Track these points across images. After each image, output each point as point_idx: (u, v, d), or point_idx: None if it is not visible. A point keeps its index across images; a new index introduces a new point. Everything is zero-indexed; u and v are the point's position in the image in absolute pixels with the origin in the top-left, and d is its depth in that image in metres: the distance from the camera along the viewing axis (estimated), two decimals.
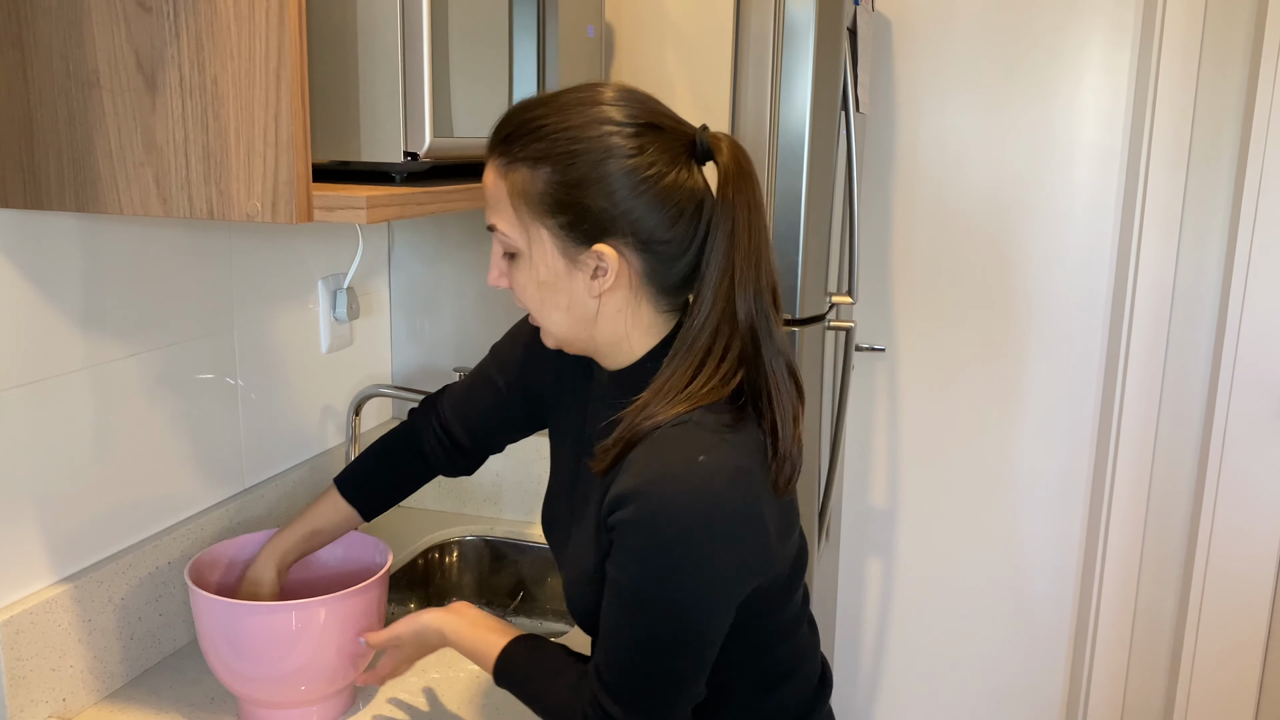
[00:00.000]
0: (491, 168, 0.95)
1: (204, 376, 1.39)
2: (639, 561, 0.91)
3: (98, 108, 0.95)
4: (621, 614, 0.94)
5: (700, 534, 0.89)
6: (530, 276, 0.96)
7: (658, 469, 0.90)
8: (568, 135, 0.91)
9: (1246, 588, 2.16)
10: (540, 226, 0.93)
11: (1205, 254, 2.12)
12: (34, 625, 1.13)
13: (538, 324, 1.00)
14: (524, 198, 0.93)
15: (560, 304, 0.96)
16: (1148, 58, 2.06)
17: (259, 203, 0.93)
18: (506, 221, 0.94)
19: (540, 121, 0.92)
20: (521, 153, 0.92)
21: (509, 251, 0.96)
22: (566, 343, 1.00)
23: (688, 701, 0.96)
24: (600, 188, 0.91)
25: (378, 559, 1.27)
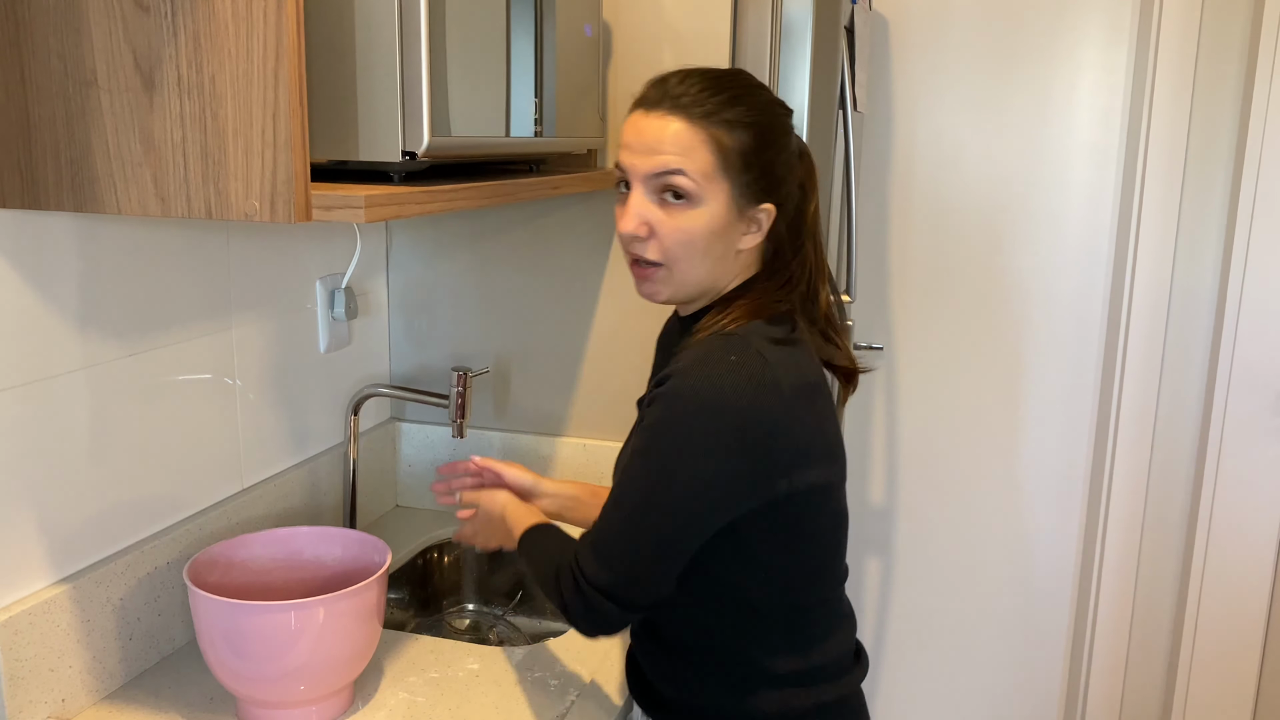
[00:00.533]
0: (678, 118, 1.03)
1: (202, 376, 1.39)
2: (648, 430, 1.02)
3: (95, 108, 0.95)
4: (624, 476, 1.05)
5: (705, 418, 0.99)
6: (699, 223, 1.05)
7: (692, 362, 1.01)
8: (760, 107, 1.07)
9: (1244, 583, 2.16)
10: (724, 180, 1.04)
11: (1202, 251, 2.12)
12: (32, 626, 1.13)
13: (667, 274, 1.08)
14: (719, 152, 1.03)
15: (715, 252, 1.07)
16: (1144, 56, 2.06)
17: (257, 202, 0.92)
18: (698, 169, 1.03)
19: (733, 90, 1.06)
20: (720, 112, 1.04)
21: (682, 198, 1.04)
22: (693, 289, 1.10)
23: (650, 584, 1.04)
24: (780, 156, 1.08)
25: (376, 558, 1.27)
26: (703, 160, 1.03)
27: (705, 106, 1.04)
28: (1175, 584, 2.25)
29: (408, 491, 1.89)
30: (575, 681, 1.30)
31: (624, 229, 1.06)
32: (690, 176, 1.03)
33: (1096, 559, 2.26)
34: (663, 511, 1.01)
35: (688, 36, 1.61)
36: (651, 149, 1.04)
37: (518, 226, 1.77)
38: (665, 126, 1.04)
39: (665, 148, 1.03)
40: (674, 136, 1.03)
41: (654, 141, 1.04)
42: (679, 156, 1.03)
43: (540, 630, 1.74)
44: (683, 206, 1.04)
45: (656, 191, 1.05)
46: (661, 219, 1.05)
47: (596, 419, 1.79)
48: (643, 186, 1.06)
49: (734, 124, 1.04)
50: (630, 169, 1.06)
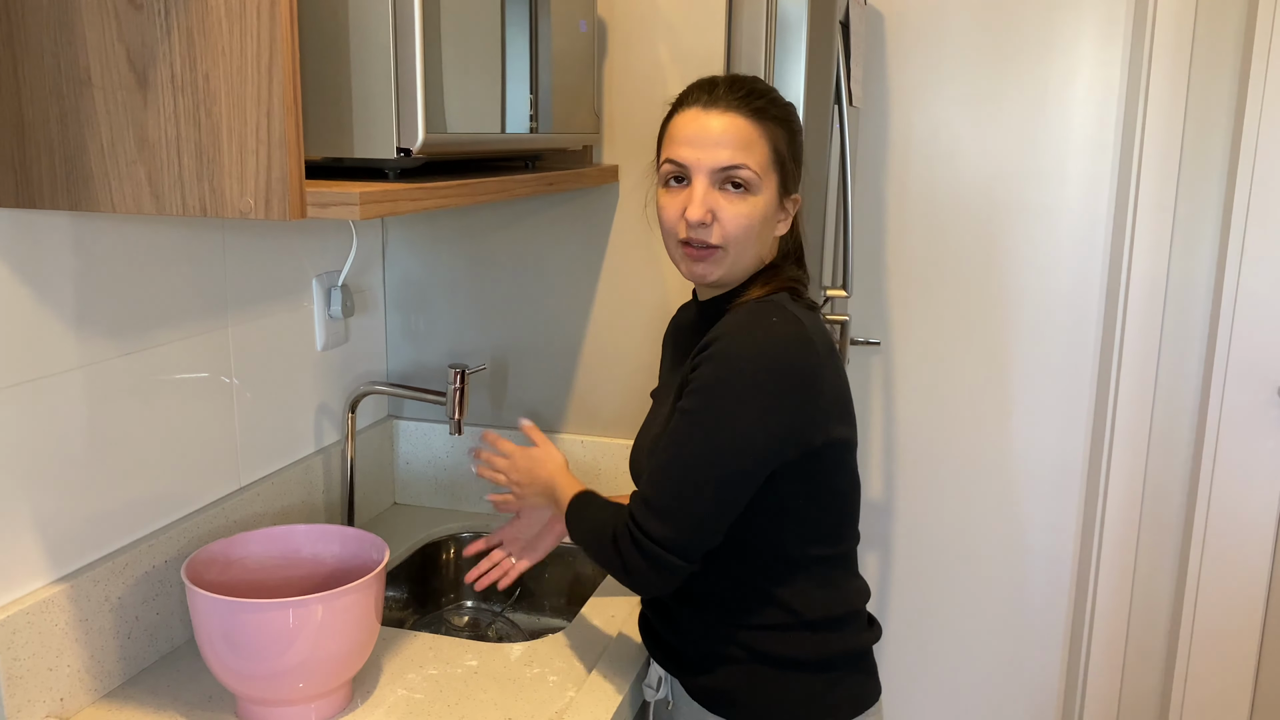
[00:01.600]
0: (738, 115, 1.14)
1: (199, 375, 1.38)
2: (701, 390, 1.10)
3: (89, 106, 0.95)
4: (673, 437, 1.12)
5: (756, 369, 1.08)
6: (756, 211, 1.16)
7: (736, 324, 1.12)
8: (789, 106, 1.20)
9: (1242, 574, 2.16)
10: (775, 172, 1.17)
11: (1198, 244, 2.13)
12: (30, 625, 1.13)
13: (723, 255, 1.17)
14: (773, 146, 1.16)
15: (765, 237, 1.19)
16: (1140, 50, 2.06)
17: (252, 200, 0.92)
18: (759, 161, 1.15)
19: (768, 91, 1.18)
20: (769, 110, 1.16)
21: (743, 184, 1.14)
22: (741, 271, 1.20)
23: (707, 534, 1.12)
24: (801, 152, 1.22)
25: (374, 556, 1.27)
26: (761, 154, 1.15)
27: (755, 104, 1.15)
28: (1173, 576, 2.25)
29: (406, 489, 1.89)
30: (574, 677, 1.31)
31: (693, 216, 1.15)
32: (752, 169, 1.14)
33: (1094, 552, 2.27)
34: (720, 463, 1.09)
35: (682, 31, 1.61)
36: (716, 143, 1.14)
37: (514, 223, 1.77)
38: (730, 123, 1.14)
39: (729, 142, 1.14)
40: (738, 132, 1.14)
41: (719, 136, 1.14)
42: (743, 151, 1.14)
43: (539, 627, 1.74)
44: (742, 195, 1.15)
45: (719, 183, 1.15)
46: (724, 206, 1.15)
47: (594, 415, 1.79)
48: (707, 179, 1.15)
49: (779, 121, 1.17)
50: (693, 163, 1.15)
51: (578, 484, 1.31)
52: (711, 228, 1.16)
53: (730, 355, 1.10)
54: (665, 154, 1.20)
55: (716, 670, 1.21)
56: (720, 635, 1.21)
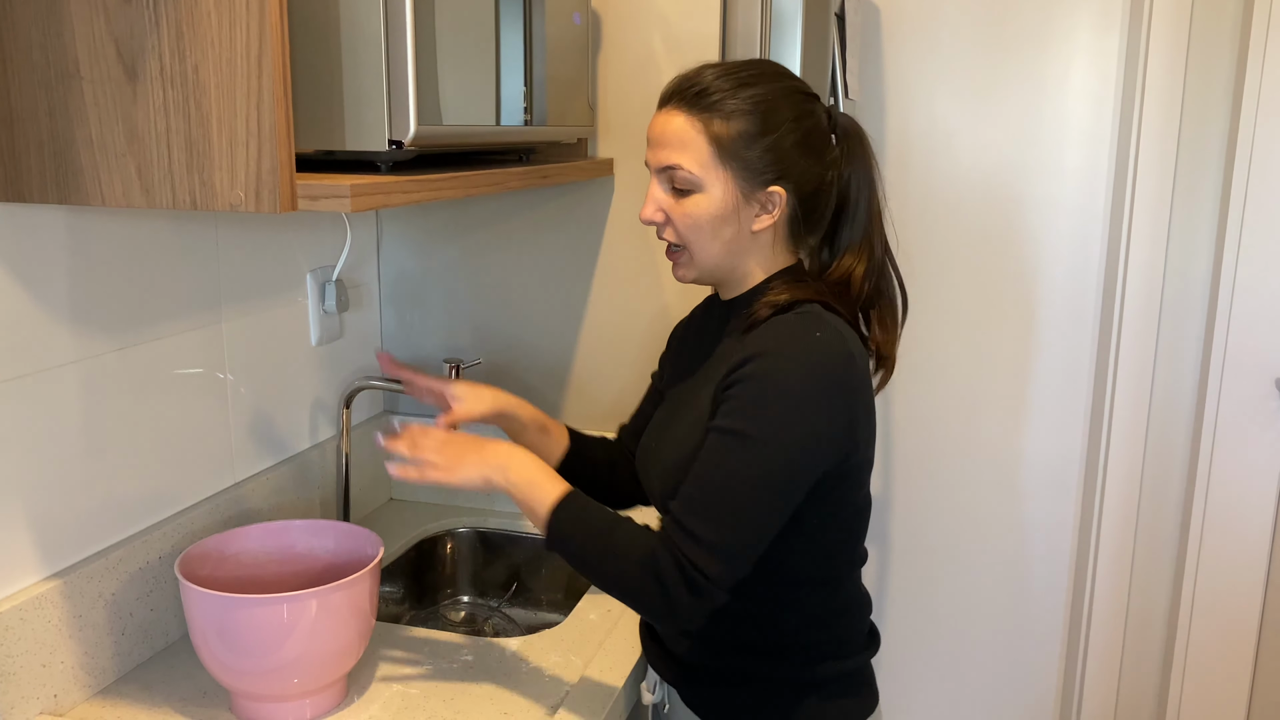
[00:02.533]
0: (678, 115, 1.11)
1: (193, 370, 1.38)
2: (748, 405, 1.05)
3: (78, 99, 0.94)
4: (716, 456, 1.06)
5: (806, 388, 1.04)
6: (702, 208, 1.12)
7: (778, 337, 1.07)
8: (769, 92, 1.11)
9: (1240, 568, 2.16)
10: (724, 167, 1.10)
11: (1196, 237, 2.12)
12: (24, 621, 1.12)
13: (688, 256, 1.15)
14: (714, 141, 1.10)
15: (725, 234, 1.13)
16: (1136, 42, 2.06)
17: (242, 193, 0.92)
18: (695, 161, 1.10)
19: (742, 78, 1.11)
20: (721, 105, 1.10)
21: (684, 188, 1.11)
22: (710, 271, 1.17)
23: (753, 549, 1.06)
24: (788, 139, 1.11)
25: (369, 551, 1.27)
26: (699, 151, 1.10)
27: (709, 98, 1.10)
28: (1170, 571, 2.25)
29: (401, 485, 1.88)
30: (570, 672, 1.30)
31: (642, 216, 1.15)
32: (687, 168, 1.11)
33: (1092, 547, 2.27)
34: (772, 488, 1.05)
35: (677, 24, 1.61)
36: (658, 143, 1.13)
37: (509, 217, 1.76)
38: (669, 122, 1.12)
39: (667, 142, 1.12)
40: (675, 132, 1.11)
41: (658, 136, 1.13)
42: (678, 150, 1.11)
43: (535, 622, 1.74)
44: (688, 195, 1.12)
45: (667, 182, 1.14)
46: (671, 205, 1.14)
47: (589, 409, 1.78)
48: (657, 178, 1.15)
49: (734, 112, 1.10)
50: (649, 163, 1.16)
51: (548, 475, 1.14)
52: (665, 227, 1.16)
53: (774, 372, 1.05)
54: None
55: (716, 683, 1.20)
56: (722, 650, 1.19)
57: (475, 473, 1.14)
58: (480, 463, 1.14)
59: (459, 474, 1.14)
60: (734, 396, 1.06)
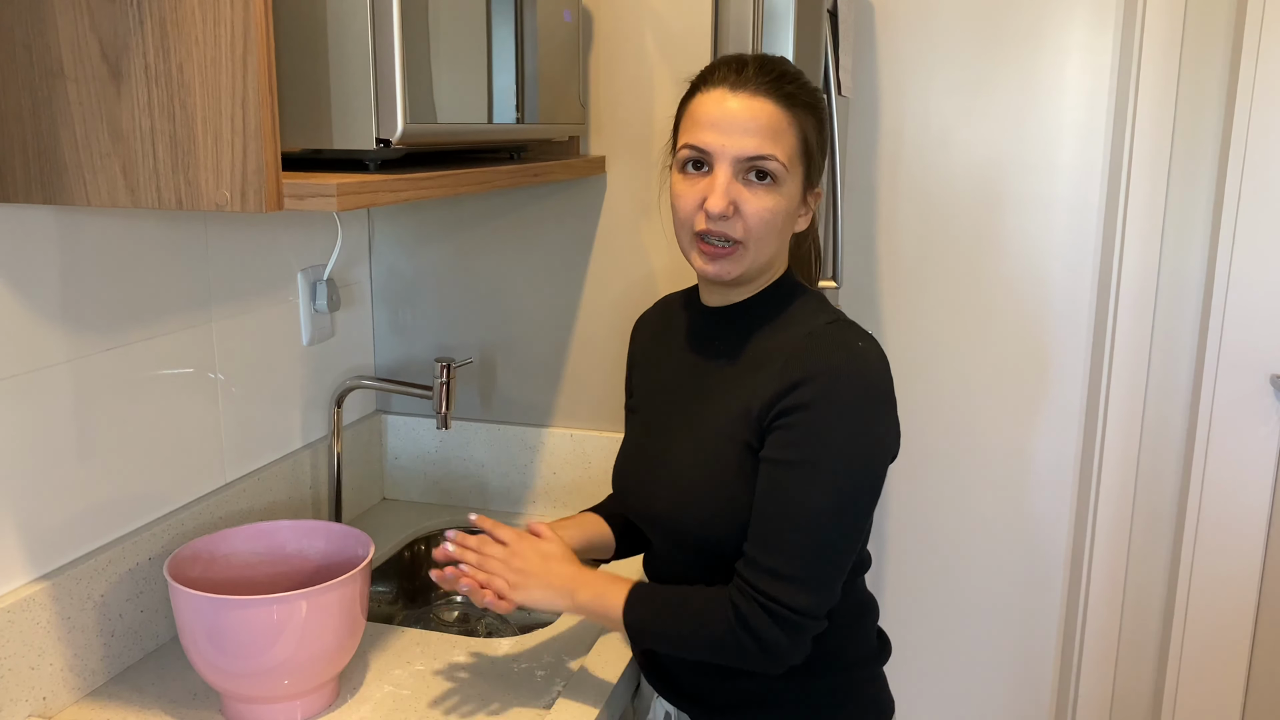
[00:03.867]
0: (769, 100, 1.05)
1: (183, 370, 1.37)
2: (813, 434, 1.01)
3: (62, 98, 0.94)
4: (788, 490, 1.02)
5: (866, 406, 1.03)
6: (781, 205, 1.07)
7: (828, 358, 1.04)
8: (819, 93, 1.11)
9: (1235, 563, 2.16)
10: (801, 164, 1.08)
11: (1190, 233, 2.12)
12: (12, 624, 1.12)
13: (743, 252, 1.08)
14: (803, 135, 1.07)
15: (786, 233, 1.11)
16: (1130, 38, 2.05)
17: (228, 192, 0.91)
18: (787, 151, 1.06)
19: (801, 76, 1.09)
20: (799, 96, 1.07)
21: (769, 175, 1.05)
22: (754, 270, 1.11)
23: (842, 573, 1.05)
24: (827, 142, 1.12)
25: (359, 551, 1.26)
26: (789, 143, 1.06)
27: (786, 89, 1.06)
28: (1166, 567, 2.25)
29: (394, 484, 1.88)
30: (562, 672, 1.30)
31: (715, 208, 1.05)
32: (780, 160, 1.05)
33: (1087, 544, 2.26)
34: (852, 511, 1.03)
35: (669, 20, 1.60)
36: (744, 129, 1.05)
37: (501, 216, 1.76)
38: (757, 108, 1.05)
39: (758, 130, 1.05)
40: (768, 119, 1.05)
41: (747, 122, 1.05)
42: (772, 139, 1.05)
43: (528, 621, 1.73)
44: (768, 187, 1.06)
45: (743, 173, 1.06)
46: (747, 198, 1.06)
47: (582, 409, 1.78)
48: (730, 167, 1.06)
49: (809, 108, 1.08)
50: (717, 149, 1.06)
51: (610, 580, 1.13)
52: (733, 221, 1.07)
53: (834, 396, 1.02)
54: (685, 137, 1.10)
55: (730, 705, 1.17)
56: (731, 670, 1.13)
57: (541, 595, 1.13)
58: (546, 585, 1.13)
59: (524, 594, 1.13)
60: (794, 425, 1.02)
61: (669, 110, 1.63)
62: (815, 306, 1.15)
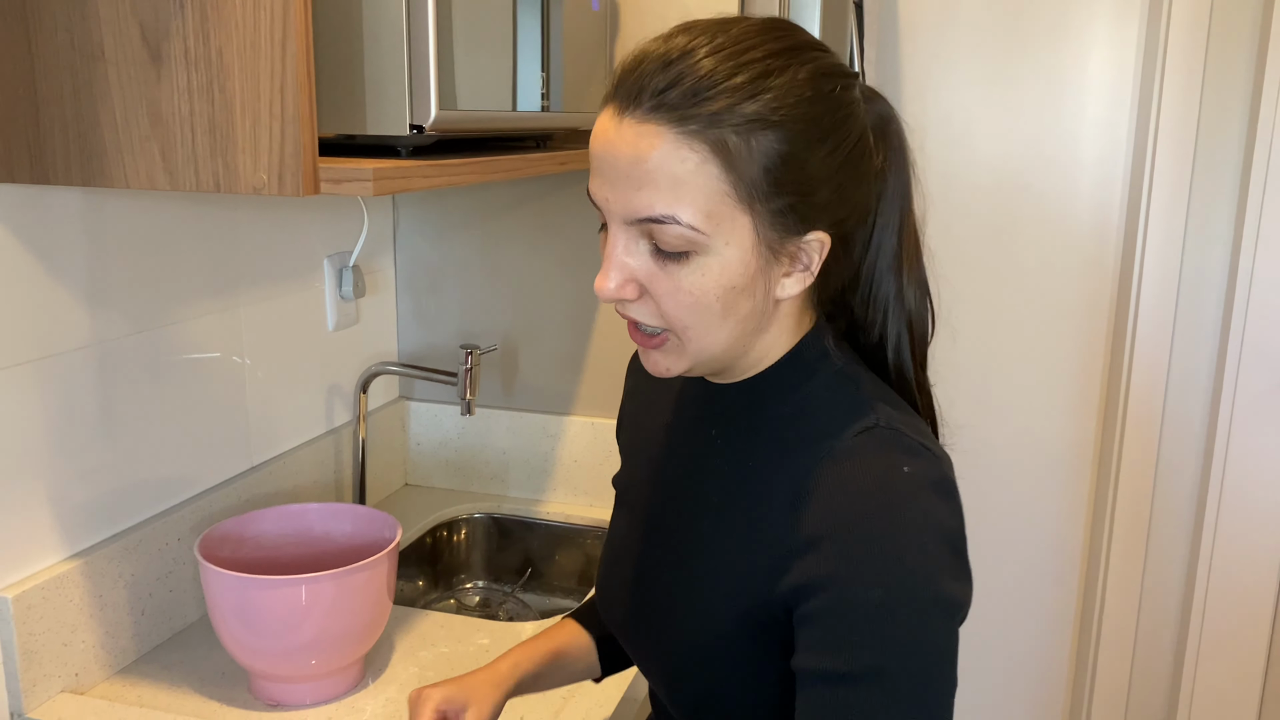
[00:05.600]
0: (661, 130, 0.68)
1: (211, 355, 1.39)
2: (867, 627, 0.69)
3: (102, 81, 0.95)
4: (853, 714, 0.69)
5: (930, 559, 0.70)
6: (710, 279, 0.71)
7: (853, 500, 0.71)
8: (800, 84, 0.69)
9: (1253, 562, 2.16)
10: (745, 213, 0.70)
11: (1213, 228, 2.11)
12: (45, 600, 1.13)
13: (677, 343, 0.75)
14: (731, 172, 0.68)
15: (741, 310, 0.73)
16: (1155, 32, 2.05)
17: (265, 175, 0.92)
18: (696, 208, 0.68)
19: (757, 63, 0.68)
20: (730, 109, 0.67)
21: (676, 252, 0.70)
22: (710, 360, 0.77)
23: None
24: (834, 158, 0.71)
25: (386, 534, 1.28)
26: (703, 192, 0.68)
27: (711, 102, 0.67)
28: (1184, 563, 2.25)
29: (417, 470, 1.89)
30: None
31: (601, 289, 0.73)
32: (686, 223, 0.69)
33: (1104, 540, 2.26)
34: (935, 700, 0.71)
35: (695, 10, 1.60)
36: (626, 177, 0.70)
37: (524, 204, 1.76)
38: (643, 144, 0.68)
39: (646, 179, 0.69)
40: (660, 161, 0.68)
41: (629, 166, 0.69)
42: (666, 194, 0.68)
43: (549, 606, 1.74)
44: (681, 261, 0.71)
45: (644, 238, 0.72)
46: (655, 275, 0.72)
47: (604, 398, 1.79)
48: (622, 232, 0.72)
49: (754, 123, 0.68)
50: (602, 204, 0.73)
51: None
52: (643, 304, 0.74)
53: (881, 570, 0.69)
54: None
55: None
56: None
57: None
58: None
59: None
60: (823, 616, 0.70)
61: None
62: (845, 398, 0.79)
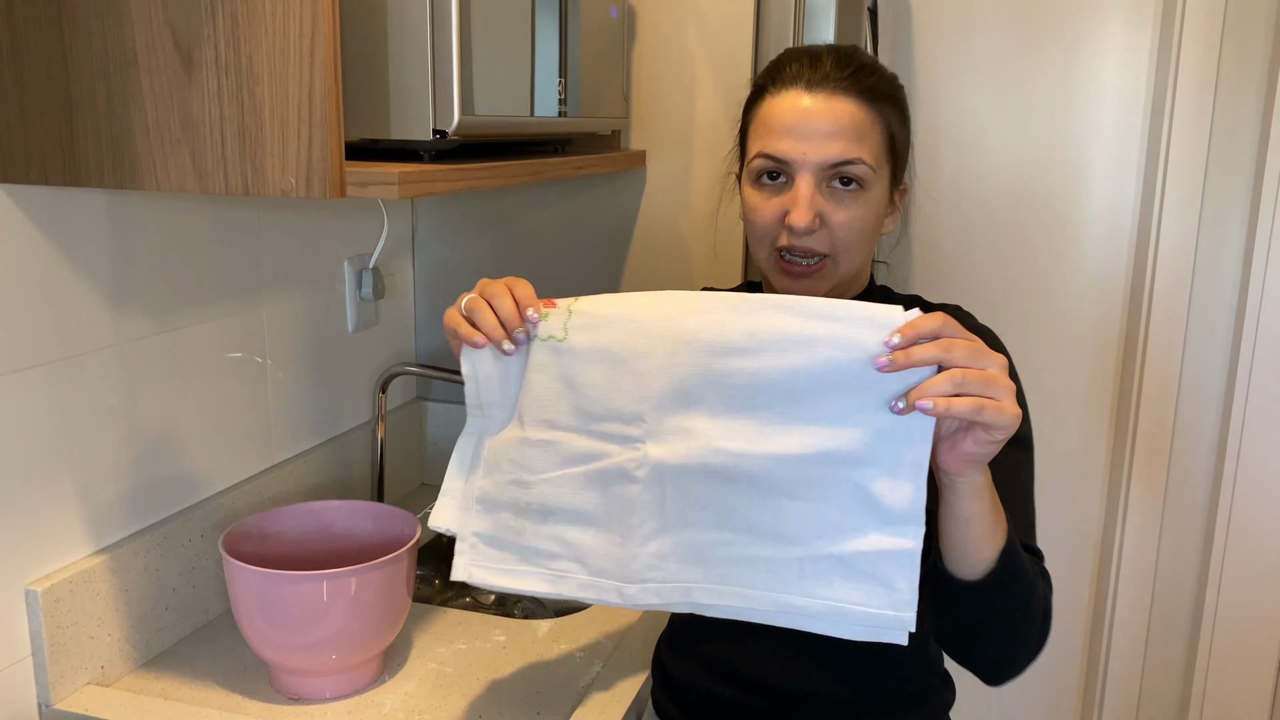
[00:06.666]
0: (849, 99, 0.96)
1: (233, 355, 1.41)
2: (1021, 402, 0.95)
3: (135, 86, 0.97)
4: (1010, 468, 0.95)
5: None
6: (870, 212, 0.99)
7: (987, 334, 1.06)
8: (897, 82, 1.03)
9: (1266, 566, 2.16)
10: (889, 163, 1.00)
11: (1226, 233, 2.12)
12: (73, 594, 1.16)
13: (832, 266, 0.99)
14: (888, 131, 0.99)
15: (875, 237, 1.03)
16: (1169, 36, 2.06)
17: (293, 179, 0.94)
18: (874, 152, 0.98)
19: (879, 65, 1.01)
20: (880, 89, 0.98)
21: (855, 181, 0.97)
22: (847, 282, 1.04)
23: None
24: (906, 130, 1.04)
25: (406, 532, 1.30)
26: (875, 144, 0.98)
27: (866, 83, 0.97)
28: (1195, 569, 2.25)
29: (434, 469, 1.91)
30: (600, 652, 1.33)
31: (800, 222, 0.95)
32: (867, 163, 0.97)
33: (1115, 544, 2.27)
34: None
35: (712, 18, 1.62)
36: (826, 133, 0.95)
37: (542, 208, 1.78)
38: (837, 108, 0.96)
39: (841, 132, 0.95)
40: (851, 119, 0.96)
41: (828, 125, 0.96)
42: (857, 142, 0.96)
43: (565, 605, 1.76)
44: (855, 194, 0.97)
45: (827, 180, 0.97)
46: (834, 209, 0.97)
47: None
48: (813, 176, 0.96)
49: (891, 101, 1.00)
50: (797, 158, 0.96)
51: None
52: (820, 234, 0.97)
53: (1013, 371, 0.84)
54: (757, 145, 1.00)
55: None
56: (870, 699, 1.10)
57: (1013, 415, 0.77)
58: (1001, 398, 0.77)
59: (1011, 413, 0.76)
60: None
61: (710, 105, 1.66)
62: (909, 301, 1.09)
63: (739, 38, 1.62)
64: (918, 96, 2.26)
